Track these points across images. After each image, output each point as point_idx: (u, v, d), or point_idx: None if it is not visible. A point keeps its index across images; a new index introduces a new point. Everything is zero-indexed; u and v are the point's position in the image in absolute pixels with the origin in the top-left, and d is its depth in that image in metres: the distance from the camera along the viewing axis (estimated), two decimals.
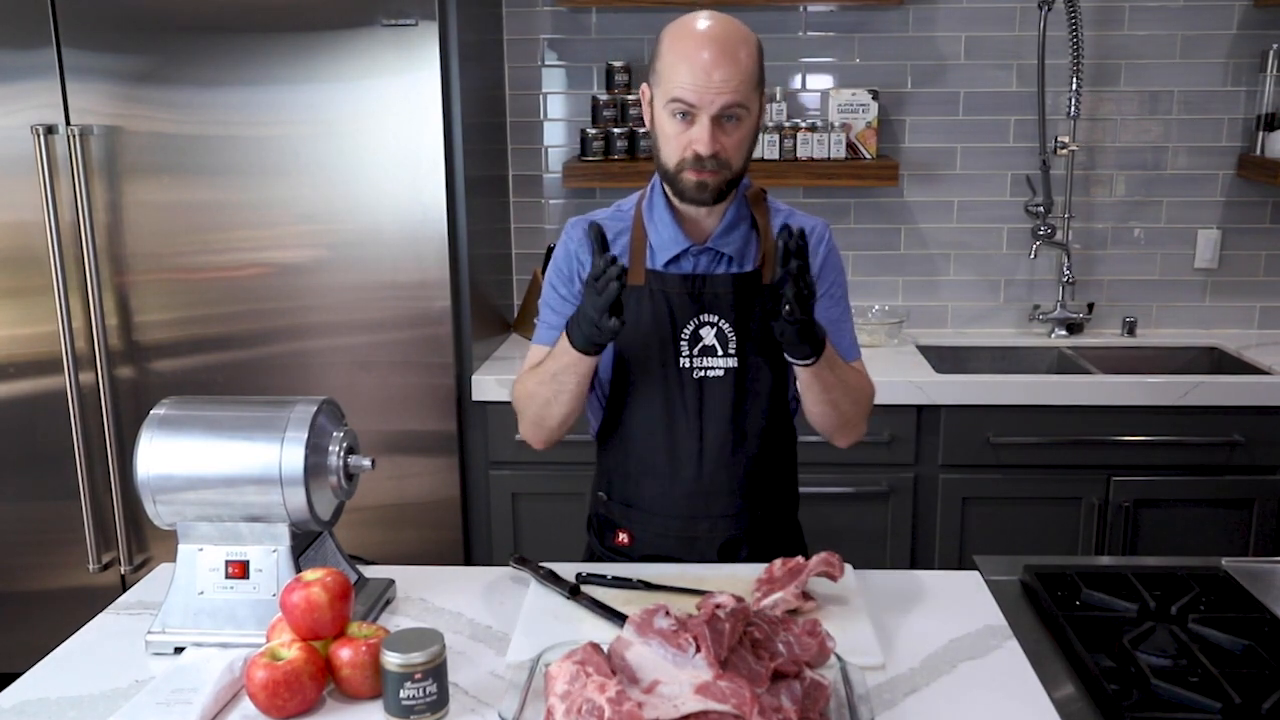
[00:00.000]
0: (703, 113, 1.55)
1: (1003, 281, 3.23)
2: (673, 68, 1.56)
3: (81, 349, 2.71)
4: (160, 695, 1.31)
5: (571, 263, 1.73)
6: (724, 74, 1.53)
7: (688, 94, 1.54)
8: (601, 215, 1.76)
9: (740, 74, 1.55)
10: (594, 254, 1.53)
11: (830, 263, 1.75)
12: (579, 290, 1.71)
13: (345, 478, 1.51)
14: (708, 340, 1.68)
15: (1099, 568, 1.70)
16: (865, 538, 2.76)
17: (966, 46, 3.10)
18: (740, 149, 1.61)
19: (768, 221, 1.72)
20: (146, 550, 2.84)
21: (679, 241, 1.68)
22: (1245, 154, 3.10)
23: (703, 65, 1.53)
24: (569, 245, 1.74)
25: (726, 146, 1.58)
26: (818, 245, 1.73)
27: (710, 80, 1.53)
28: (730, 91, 1.54)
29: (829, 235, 1.76)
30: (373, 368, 2.71)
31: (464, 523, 2.82)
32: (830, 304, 1.74)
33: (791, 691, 1.20)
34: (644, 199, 1.73)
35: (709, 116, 1.55)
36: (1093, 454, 2.71)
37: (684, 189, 1.61)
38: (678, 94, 1.55)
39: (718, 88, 1.53)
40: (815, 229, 1.74)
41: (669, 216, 1.68)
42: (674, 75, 1.56)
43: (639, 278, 1.69)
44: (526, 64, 3.15)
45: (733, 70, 1.54)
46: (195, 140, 2.61)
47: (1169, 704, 1.29)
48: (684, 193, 1.62)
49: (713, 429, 1.69)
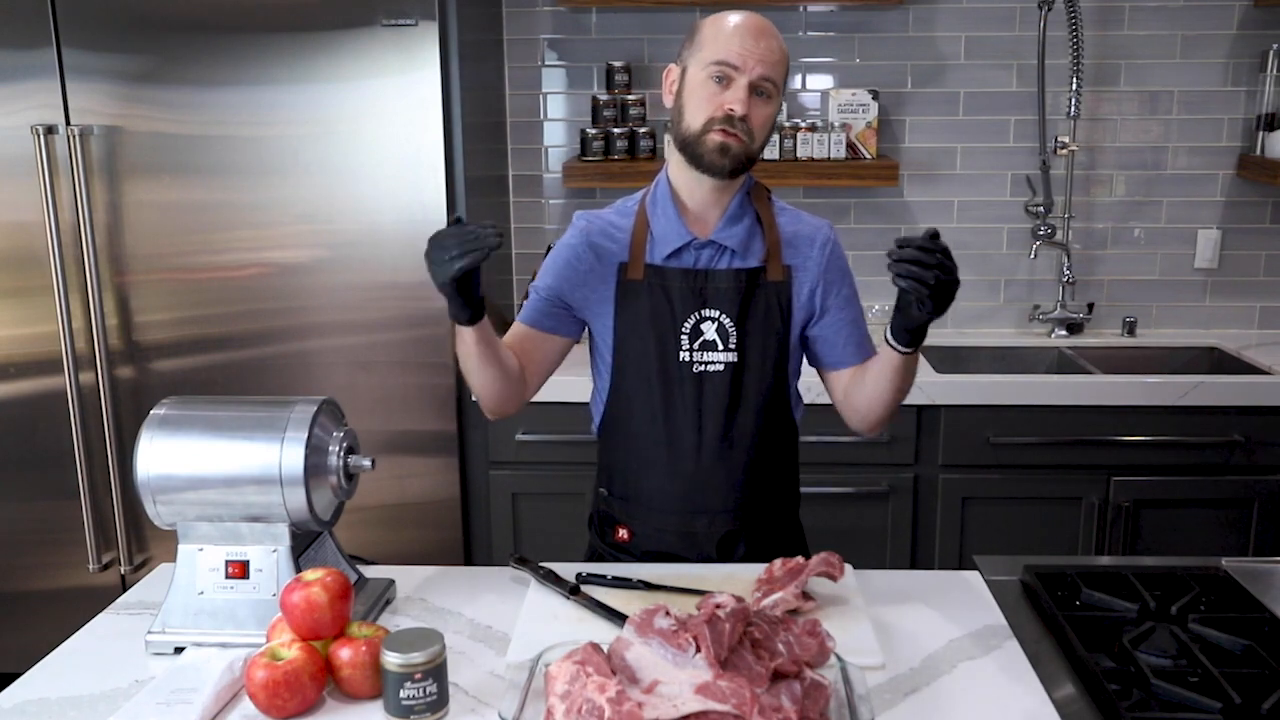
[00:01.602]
0: (743, 75, 1.60)
1: (1003, 281, 3.23)
2: (715, 38, 1.62)
3: (81, 349, 2.71)
4: (160, 695, 1.31)
5: (577, 250, 1.73)
6: (767, 44, 1.61)
7: (732, 56, 1.60)
8: (607, 210, 1.76)
9: (778, 52, 1.63)
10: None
11: (836, 265, 1.75)
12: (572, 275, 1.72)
13: (345, 478, 1.51)
14: (708, 335, 1.69)
15: (1099, 568, 1.70)
16: (865, 538, 2.76)
17: (966, 46, 3.10)
18: (764, 126, 1.65)
19: (772, 217, 1.73)
20: (146, 550, 2.84)
21: (681, 234, 1.69)
22: (1245, 154, 3.10)
23: (750, 32, 1.61)
24: (574, 237, 1.74)
25: (755, 116, 1.62)
26: (823, 248, 1.74)
27: (756, 46, 1.60)
28: (770, 63, 1.61)
29: (835, 237, 1.76)
30: (373, 368, 2.71)
31: (464, 523, 2.82)
32: (843, 305, 1.75)
33: (791, 691, 1.20)
34: (648, 195, 1.74)
35: (747, 80, 1.60)
36: (1093, 454, 2.71)
37: (706, 150, 1.62)
38: (722, 56, 1.61)
39: (760, 54, 1.60)
40: (820, 230, 1.75)
41: (673, 209, 1.69)
42: (717, 42, 1.62)
43: (638, 273, 1.69)
44: (526, 64, 3.16)
45: (774, 45, 1.63)
46: (195, 140, 2.61)
47: (1169, 704, 1.29)
48: (704, 155, 1.63)
49: (711, 423, 1.70)
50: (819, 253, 1.73)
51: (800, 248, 1.73)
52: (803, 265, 1.72)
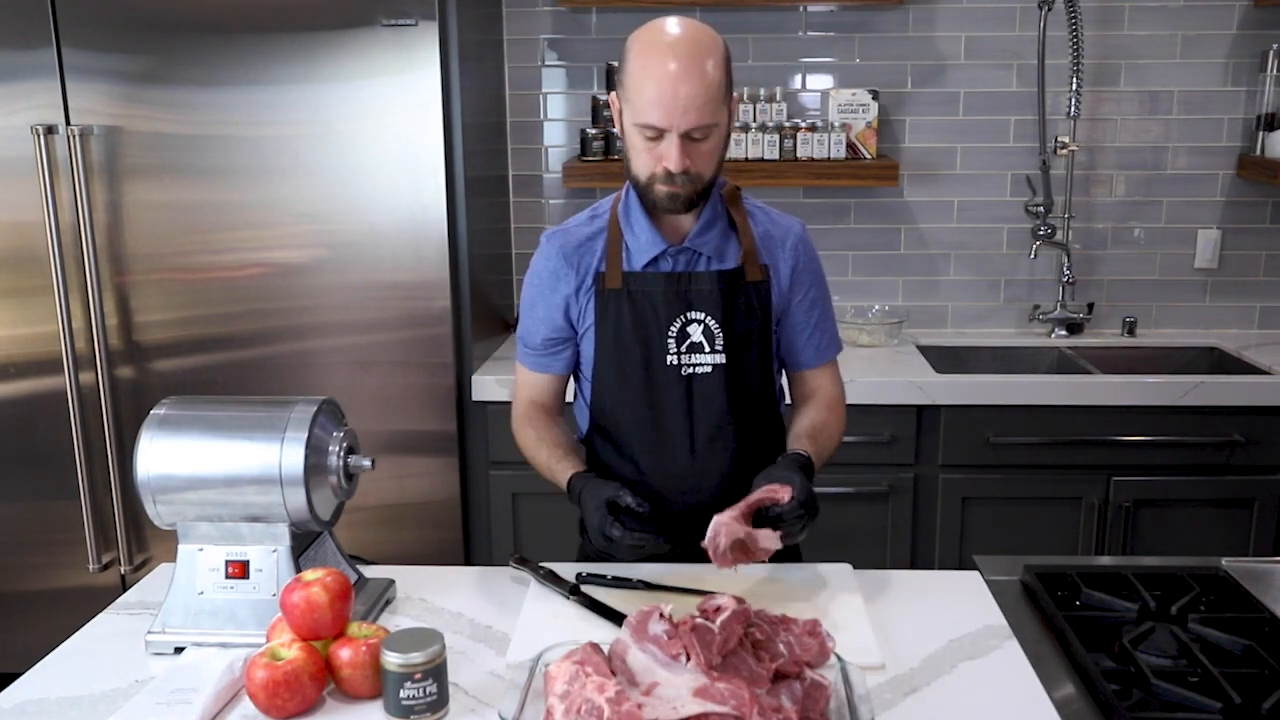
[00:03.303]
0: (671, 133, 1.54)
1: (1003, 281, 3.23)
2: (639, 86, 1.54)
3: (81, 349, 2.71)
4: (160, 695, 1.31)
5: (555, 278, 1.72)
6: (690, 91, 1.51)
7: (655, 118, 1.53)
8: (577, 220, 1.76)
9: (706, 91, 1.52)
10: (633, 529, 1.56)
11: (806, 266, 1.75)
12: (560, 301, 1.72)
13: (345, 478, 1.51)
14: (695, 337, 1.69)
15: (1099, 568, 1.71)
16: (865, 538, 2.76)
17: (966, 46, 3.09)
18: (711, 160, 1.61)
19: (745, 219, 1.72)
20: (146, 550, 2.84)
21: (656, 244, 1.68)
22: (1245, 154, 3.10)
23: (670, 82, 1.51)
24: (549, 261, 1.73)
25: (696, 161, 1.57)
26: (794, 248, 1.74)
27: (677, 100, 1.51)
28: (696, 111, 1.52)
29: (806, 235, 1.76)
30: (373, 368, 2.71)
31: (464, 523, 2.82)
32: (809, 307, 1.76)
33: (792, 692, 1.21)
34: (619, 202, 1.73)
35: (676, 136, 1.54)
36: (1093, 454, 2.71)
37: (657, 198, 1.62)
38: (644, 118, 1.54)
39: (684, 107, 1.51)
40: (791, 230, 1.75)
41: (645, 220, 1.68)
42: (640, 94, 1.54)
43: (616, 281, 1.69)
44: (526, 64, 3.15)
45: (699, 87, 1.51)
46: (195, 140, 2.61)
47: (1169, 704, 1.29)
48: (656, 202, 1.62)
49: (703, 425, 1.70)
50: (789, 253, 1.73)
51: (773, 248, 1.73)
52: (775, 265, 1.73)
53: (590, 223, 1.74)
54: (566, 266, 1.71)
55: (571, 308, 1.72)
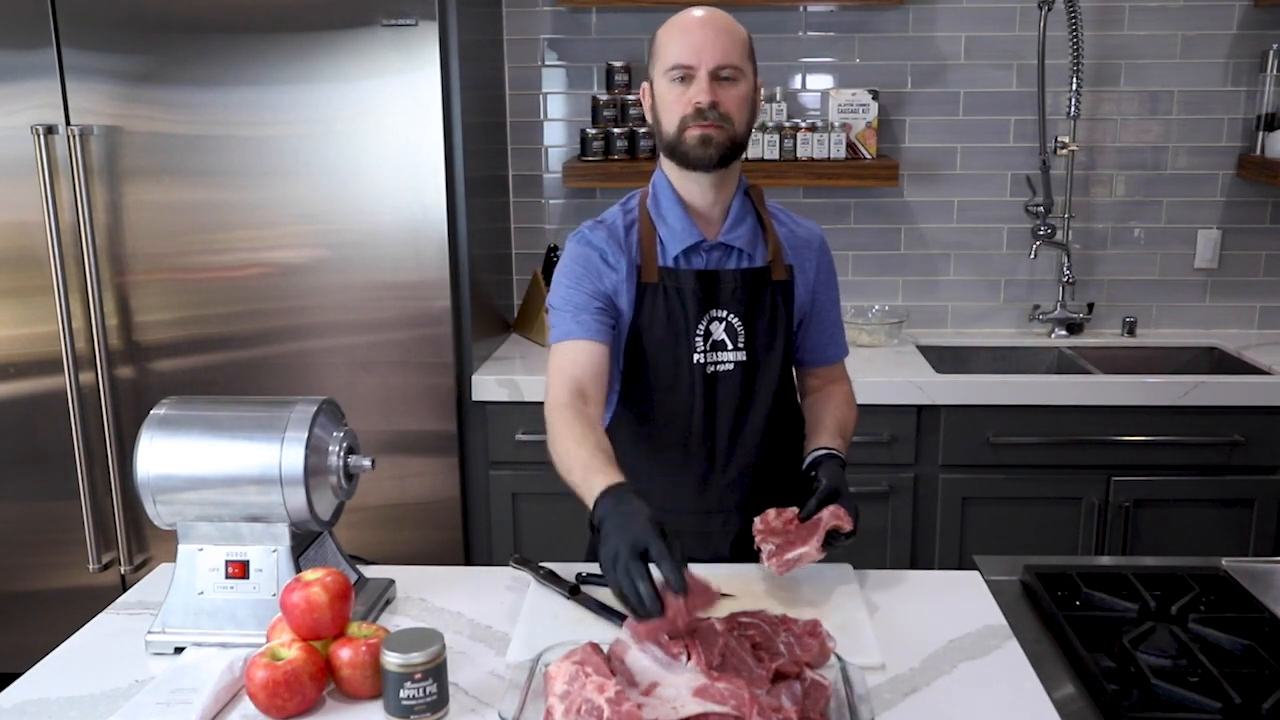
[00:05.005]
0: (700, 69, 1.61)
1: (1003, 281, 3.23)
2: (667, 44, 1.64)
3: (81, 349, 2.71)
4: (160, 695, 1.31)
5: (605, 261, 1.69)
6: (716, 33, 1.62)
7: (684, 56, 1.61)
8: (612, 214, 1.76)
9: (731, 37, 1.63)
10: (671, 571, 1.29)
11: (827, 268, 1.81)
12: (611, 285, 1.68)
13: (345, 478, 1.51)
14: (718, 335, 1.71)
15: (1099, 568, 1.71)
16: (865, 538, 2.73)
17: (966, 46, 3.09)
18: (740, 108, 1.64)
19: (770, 219, 1.76)
20: (146, 550, 2.84)
21: (691, 233, 1.69)
22: (1245, 154, 3.10)
23: (696, 27, 1.62)
24: (603, 244, 1.70)
25: (725, 101, 1.62)
26: (819, 251, 1.80)
27: (705, 38, 1.61)
28: (723, 49, 1.61)
29: (826, 241, 1.82)
30: (373, 368, 2.71)
31: (464, 523, 2.82)
32: (826, 307, 1.82)
33: (792, 692, 1.21)
34: (647, 198, 1.74)
35: (706, 71, 1.61)
36: (1093, 454, 2.71)
37: (688, 149, 1.63)
38: (675, 59, 1.62)
39: (711, 44, 1.61)
40: (815, 234, 1.81)
41: (678, 208, 1.69)
42: (669, 47, 1.64)
43: (652, 275, 1.70)
44: (526, 64, 3.15)
45: (723, 30, 1.62)
46: (195, 140, 2.61)
47: (1169, 704, 1.29)
48: (689, 152, 1.63)
49: (724, 423, 1.72)
50: (815, 256, 1.79)
51: (799, 249, 1.77)
52: (801, 266, 1.77)
53: (624, 215, 1.75)
54: (620, 251, 1.70)
55: (621, 294, 1.69)
